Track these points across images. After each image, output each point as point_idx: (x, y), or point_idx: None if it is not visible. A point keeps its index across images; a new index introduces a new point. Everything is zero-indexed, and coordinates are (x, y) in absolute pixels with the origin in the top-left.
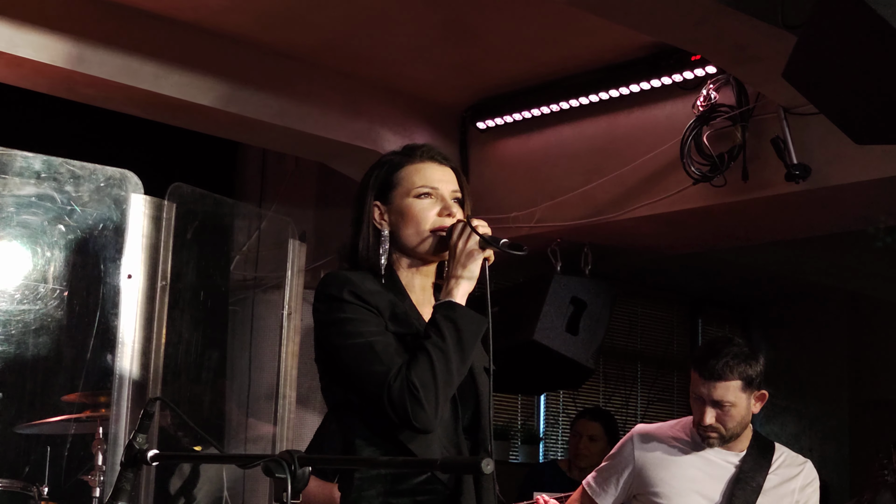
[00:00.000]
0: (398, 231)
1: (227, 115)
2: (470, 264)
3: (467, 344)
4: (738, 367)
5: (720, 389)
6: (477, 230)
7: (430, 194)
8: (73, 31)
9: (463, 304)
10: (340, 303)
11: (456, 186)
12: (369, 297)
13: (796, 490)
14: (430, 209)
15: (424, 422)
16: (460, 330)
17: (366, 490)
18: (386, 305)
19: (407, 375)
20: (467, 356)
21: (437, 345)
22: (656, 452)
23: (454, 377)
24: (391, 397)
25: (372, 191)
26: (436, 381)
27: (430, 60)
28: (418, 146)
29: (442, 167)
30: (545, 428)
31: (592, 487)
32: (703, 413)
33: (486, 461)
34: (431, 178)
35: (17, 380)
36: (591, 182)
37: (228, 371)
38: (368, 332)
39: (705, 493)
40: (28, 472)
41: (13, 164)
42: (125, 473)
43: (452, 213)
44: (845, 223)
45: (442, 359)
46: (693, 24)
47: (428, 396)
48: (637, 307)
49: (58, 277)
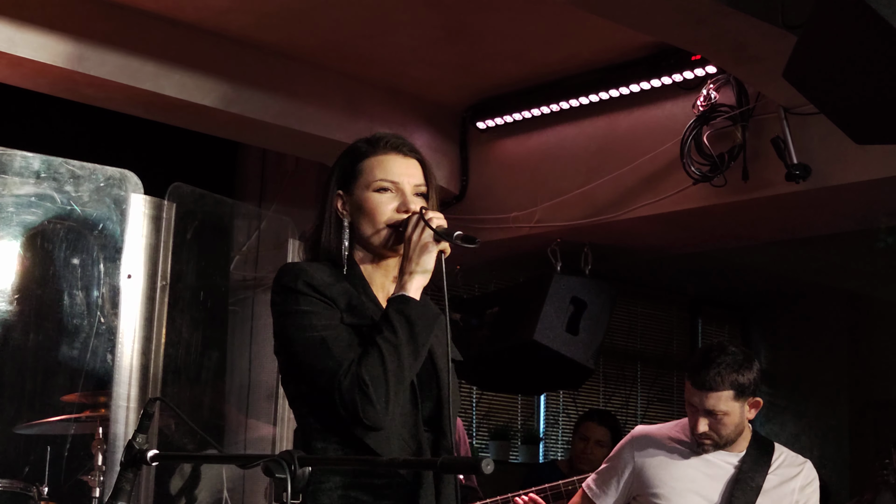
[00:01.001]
0: (357, 223)
1: (228, 115)
2: (424, 257)
3: (420, 338)
4: (730, 376)
5: (712, 399)
6: (430, 223)
7: (390, 188)
8: (74, 31)
9: (417, 298)
10: (295, 294)
11: (420, 180)
12: (324, 288)
13: (796, 490)
14: (388, 203)
15: (374, 418)
16: (413, 324)
17: (324, 482)
18: (342, 297)
19: (357, 371)
20: (420, 351)
21: (388, 339)
22: (656, 453)
23: (406, 372)
24: (341, 393)
25: (336, 180)
26: (386, 377)
27: (430, 60)
28: (384, 136)
29: (406, 159)
30: (545, 428)
31: (593, 490)
32: (697, 422)
33: (486, 461)
34: (393, 172)
35: (16, 380)
36: (591, 182)
37: (228, 371)
38: (322, 325)
39: (705, 493)
40: (28, 472)
41: (13, 164)
42: (125, 473)
43: (409, 209)
44: (845, 223)
45: (393, 354)
46: (693, 24)
47: (378, 393)
48: (637, 307)
49: (58, 277)
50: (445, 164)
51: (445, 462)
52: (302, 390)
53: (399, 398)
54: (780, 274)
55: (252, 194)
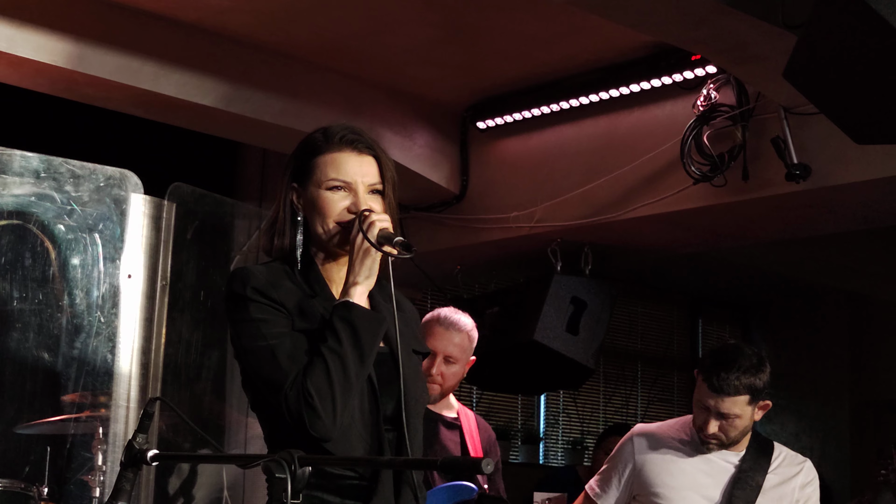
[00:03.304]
0: (310, 219)
1: (228, 115)
2: (366, 261)
3: (366, 345)
4: (748, 381)
5: (727, 403)
6: (372, 227)
7: (343, 188)
8: (73, 31)
9: (361, 303)
10: (245, 301)
11: (375, 178)
12: (272, 291)
13: (796, 489)
14: (340, 202)
15: (321, 430)
16: (357, 331)
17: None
18: (293, 301)
19: (303, 383)
20: (367, 357)
21: (333, 349)
22: (656, 452)
23: (352, 381)
24: (288, 405)
25: (291, 173)
26: (332, 388)
27: (430, 60)
28: (339, 131)
29: (360, 157)
30: (545, 428)
31: (595, 490)
32: (707, 422)
33: (486, 461)
34: (346, 171)
35: (16, 380)
36: (591, 182)
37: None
38: (270, 333)
39: (705, 492)
40: (28, 472)
41: (13, 164)
42: (125, 473)
43: (359, 210)
44: (845, 223)
45: (338, 363)
46: (693, 24)
47: (324, 404)
48: (637, 307)
49: (57, 277)
50: (445, 164)
51: (445, 461)
52: (258, 397)
53: (349, 406)
54: (780, 274)
55: (252, 194)
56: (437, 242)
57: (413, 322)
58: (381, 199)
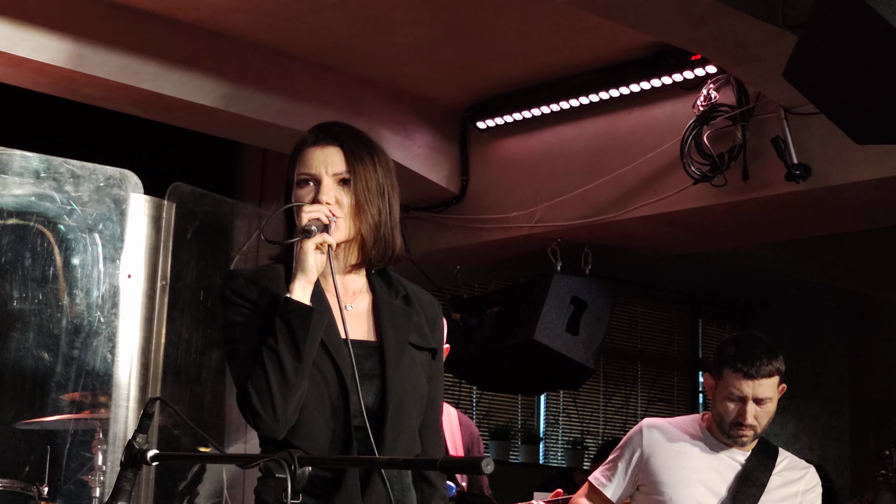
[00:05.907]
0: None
1: (228, 114)
2: (301, 256)
3: (300, 340)
4: (776, 362)
5: (764, 387)
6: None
7: (309, 180)
8: (73, 31)
9: (301, 298)
10: (225, 304)
11: (341, 168)
12: (249, 292)
13: (799, 493)
14: (306, 196)
15: (264, 429)
16: (292, 327)
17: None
18: (267, 299)
19: (244, 385)
20: (304, 352)
21: (270, 347)
22: (664, 443)
23: (290, 377)
24: (241, 407)
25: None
26: (269, 387)
27: (430, 60)
28: (314, 129)
29: (325, 149)
30: (545, 428)
31: (599, 480)
32: (745, 412)
33: (486, 461)
34: (310, 164)
35: (17, 379)
36: (591, 182)
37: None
38: (240, 336)
39: (711, 486)
40: (28, 472)
41: (13, 164)
42: (125, 473)
43: (319, 200)
44: (845, 223)
45: (274, 361)
46: (693, 24)
47: (263, 403)
48: (637, 307)
49: (57, 277)
50: (445, 164)
51: (445, 461)
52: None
53: (292, 402)
54: (780, 274)
55: (252, 194)
56: (437, 242)
57: (426, 316)
58: (348, 189)
